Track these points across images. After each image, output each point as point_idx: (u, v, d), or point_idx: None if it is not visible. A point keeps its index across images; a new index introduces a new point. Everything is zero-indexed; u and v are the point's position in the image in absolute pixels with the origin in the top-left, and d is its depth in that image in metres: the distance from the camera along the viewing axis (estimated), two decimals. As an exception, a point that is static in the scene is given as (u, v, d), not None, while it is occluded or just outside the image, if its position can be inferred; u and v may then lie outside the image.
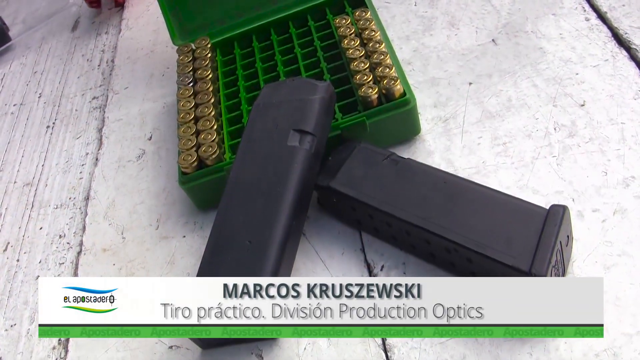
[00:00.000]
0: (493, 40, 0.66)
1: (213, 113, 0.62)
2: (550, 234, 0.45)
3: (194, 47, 0.71)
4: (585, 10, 0.65)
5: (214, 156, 0.59)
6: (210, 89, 0.65)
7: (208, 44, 0.70)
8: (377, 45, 0.61)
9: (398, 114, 0.57)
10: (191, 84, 0.67)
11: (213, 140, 0.60)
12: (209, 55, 0.69)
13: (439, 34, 0.69)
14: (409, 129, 0.59)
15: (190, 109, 0.63)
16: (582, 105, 0.57)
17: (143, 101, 0.76)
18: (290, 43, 0.69)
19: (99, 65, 0.84)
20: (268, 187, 0.52)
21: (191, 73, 0.68)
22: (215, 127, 0.61)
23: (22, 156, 0.76)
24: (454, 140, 0.58)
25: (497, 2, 0.70)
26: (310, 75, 0.64)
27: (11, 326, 0.59)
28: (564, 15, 0.66)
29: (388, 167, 0.53)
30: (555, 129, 0.56)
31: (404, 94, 0.57)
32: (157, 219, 0.63)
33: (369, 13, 0.65)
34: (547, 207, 0.46)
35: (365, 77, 0.59)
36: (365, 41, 0.63)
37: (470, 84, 0.63)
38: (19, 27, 0.95)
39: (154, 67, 0.80)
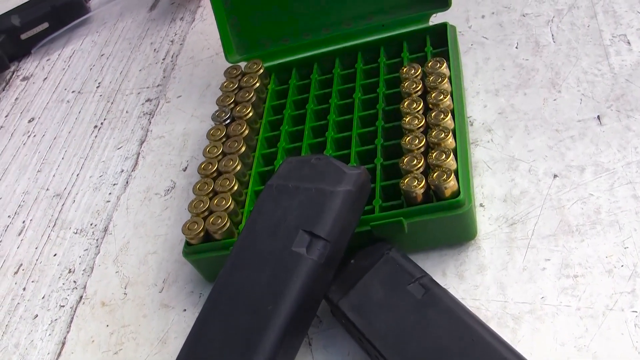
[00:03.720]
0: (598, 116, 0.52)
1: (238, 168, 0.53)
2: None
3: (243, 71, 0.61)
4: None
5: (222, 230, 0.49)
6: (245, 132, 0.55)
7: (259, 69, 0.60)
8: (442, 116, 0.49)
9: (446, 218, 0.46)
10: (227, 122, 0.57)
11: (226, 208, 0.50)
12: (256, 85, 0.59)
13: (535, 95, 0.55)
14: (460, 234, 0.47)
15: (216, 157, 0.54)
16: (692, 240, 0.44)
17: (191, 118, 0.67)
18: (353, 82, 0.58)
19: (163, 59, 0.76)
20: (258, 301, 0.42)
21: (231, 107, 0.58)
22: (235, 188, 0.52)
23: (63, 158, 0.70)
24: (515, 257, 0.46)
25: (617, 62, 0.55)
26: (362, 133, 0.53)
27: (-4, 370, 0.54)
28: (700, 96, 0.51)
29: (412, 295, 0.42)
30: (647, 269, 0.43)
31: (458, 192, 0.46)
32: (163, 279, 0.55)
33: (444, 65, 0.53)
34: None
35: (415, 162, 0.47)
36: (430, 106, 0.51)
37: (555, 176, 0.49)
38: (101, -3, 0.89)
39: (213, 76, 0.70)
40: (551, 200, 0.48)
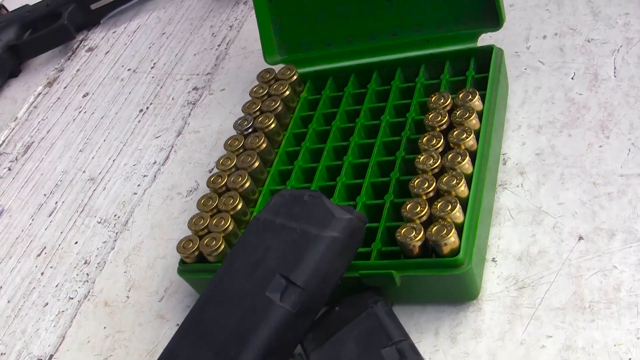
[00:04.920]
0: (645, 173, 0.46)
1: (246, 186, 0.50)
2: None
3: (276, 76, 0.58)
4: None
5: (216, 253, 0.47)
6: (263, 146, 0.53)
7: (293, 75, 0.57)
8: (459, 159, 0.44)
9: (442, 276, 0.42)
10: (249, 131, 0.55)
11: (224, 230, 0.48)
12: (286, 94, 0.56)
13: (580, 138, 0.50)
14: (458, 294, 0.43)
15: (228, 169, 0.52)
16: None
17: (229, 115, 0.65)
18: (385, 101, 0.54)
19: (218, 46, 0.74)
20: (224, 343, 0.40)
21: (255, 115, 0.55)
22: (239, 207, 0.49)
23: (104, 140, 0.70)
24: (516, 327, 0.42)
25: (680, 109, 0.49)
26: (381, 162, 0.50)
27: (1, 354, 0.55)
28: None
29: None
30: (658, 366, 0.38)
31: (458, 250, 0.41)
32: (165, 288, 0.54)
33: (475, 98, 0.48)
34: None
35: (418, 209, 0.43)
36: (451, 145, 0.46)
37: (580, 238, 0.44)
38: (174, -30, 0.87)
39: (258, 71, 0.67)
40: (570, 266, 0.43)
